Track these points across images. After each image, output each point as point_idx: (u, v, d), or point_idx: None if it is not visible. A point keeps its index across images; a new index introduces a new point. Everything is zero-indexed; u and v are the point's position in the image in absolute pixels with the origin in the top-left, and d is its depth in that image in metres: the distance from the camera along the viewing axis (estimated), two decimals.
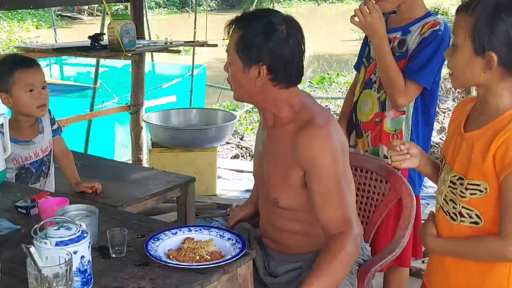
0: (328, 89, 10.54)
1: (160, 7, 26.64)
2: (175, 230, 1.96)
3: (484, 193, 1.61)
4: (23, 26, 18.98)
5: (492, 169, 1.58)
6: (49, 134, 2.87)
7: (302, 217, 2.10)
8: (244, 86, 2.02)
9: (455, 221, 1.70)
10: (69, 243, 1.59)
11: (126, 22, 4.18)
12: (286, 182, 2.05)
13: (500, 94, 1.61)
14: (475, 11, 1.57)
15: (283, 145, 2.04)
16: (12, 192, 2.37)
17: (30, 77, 2.69)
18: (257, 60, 1.96)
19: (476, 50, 1.58)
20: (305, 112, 2.03)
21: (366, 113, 2.61)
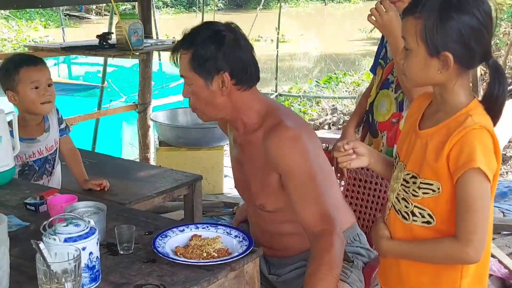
0: (335, 88, 10.52)
1: (167, 7, 26.69)
2: (183, 227, 1.98)
3: (437, 192, 1.58)
4: (31, 26, 19.06)
5: (445, 169, 1.55)
6: (55, 133, 2.89)
7: (292, 217, 2.09)
8: (211, 102, 2.02)
9: (407, 220, 1.66)
10: (78, 240, 1.61)
11: (134, 21, 4.20)
12: (267, 187, 2.07)
13: (456, 91, 1.59)
14: (422, 13, 1.53)
15: (256, 151, 2.05)
16: (21, 189, 2.39)
17: (35, 74, 2.73)
18: (217, 70, 1.97)
19: (430, 52, 1.54)
20: (271, 116, 2.04)
21: (383, 113, 2.60)
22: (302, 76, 13.16)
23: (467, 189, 1.51)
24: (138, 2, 5.27)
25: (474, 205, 1.51)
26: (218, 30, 1.99)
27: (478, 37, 1.52)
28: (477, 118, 1.54)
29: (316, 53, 17.37)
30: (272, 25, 10.14)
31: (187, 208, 3.37)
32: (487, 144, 1.51)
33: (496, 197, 4.57)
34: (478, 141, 1.51)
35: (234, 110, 2.05)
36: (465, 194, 1.51)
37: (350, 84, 10.71)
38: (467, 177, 1.50)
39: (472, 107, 1.57)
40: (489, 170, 1.50)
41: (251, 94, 2.05)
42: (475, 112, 1.56)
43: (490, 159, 1.51)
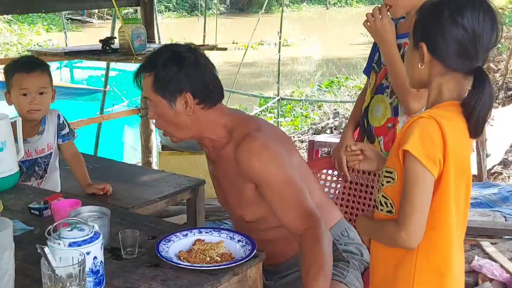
0: (337, 92, 10.55)
1: (169, 11, 26.75)
2: (186, 231, 1.99)
3: (394, 181, 1.61)
4: (33, 30, 19.13)
5: (397, 156, 1.58)
6: (50, 138, 2.88)
7: (273, 224, 2.11)
8: (177, 122, 2.05)
9: (377, 210, 1.70)
10: (82, 244, 1.62)
11: (137, 26, 4.21)
12: (244, 199, 2.09)
13: (437, 89, 1.62)
14: (419, 11, 1.65)
15: (229, 165, 2.08)
16: (25, 193, 2.40)
17: (25, 82, 2.73)
18: (179, 90, 2.00)
19: (414, 44, 1.63)
20: (239, 129, 2.07)
21: (378, 118, 2.60)
22: (304, 80, 13.19)
23: (406, 172, 1.55)
24: (140, 7, 5.29)
25: (409, 190, 1.54)
26: (178, 52, 2.03)
27: (456, 38, 1.55)
28: (435, 111, 1.57)
29: (318, 57, 17.40)
30: (274, 29, 10.17)
31: (190, 213, 3.38)
32: (431, 134, 1.52)
33: (498, 202, 4.62)
34: (420, 127, 1.53)
35: (200, 129, 2.08)
36: (404, 178, 1.56)
37: (352, 88, 10.74)
38: (406, 161, 1.54)
39: (444, 104, 1.60)
40: (426, 159, 1.51)
41: (216, 111, 2.08)
42: (439, 107, 1.60)
43: (430, 149, 1.52)
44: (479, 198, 4.63)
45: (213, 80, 2.07)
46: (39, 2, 4.47)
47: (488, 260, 3.50)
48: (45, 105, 2.79)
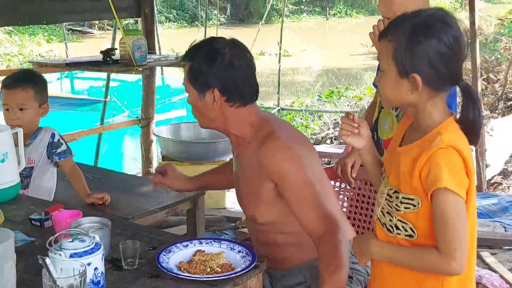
0: (337, 102, 10.56)
1: (170, 21, 26.82)
2: (186, 242, 2.00)
3: (417, 207, 1.62)
4: (34, 40, 19.17)
5: (420, 186, 1.59)
6: (36, 154, 2.88)
7: (283, 228, 2.13)
8: (204, 113, 2.13)
9: (392, 233, 1.69)
10: (83, 255, 1.63)
11: (138, 37, 4.24)
12: (259, 199, 2.10)
13: (428, 112, 1.64)
14: (393, 35, 1.61)
15: (249, 163, 2.11)
16: (26, 204, 2.41)
17: (7, 98, 2.80)
18: (207, 86, 2.07)
19: (400, 73, 1.61)
20: (264, 129, 2.11)
21: (386, 132, 2.62)
22: (304, 90, 13.21)
23: (441, 208, 1.56)
24: (141, 18, 5.32)
25: (450, 222, 1.55)
26: (215, 48, 2.08)
27: (445, 61, 1.58)
28: (446, 137, 1.58)
29: (318, 67, 17.43)
30: (274, 39, 10.20)
31: (190, 223, 3.38)
32: (454, 162, 1.56)
33: (497, 212, 4.63)
34: (445, 160, 1.55)
35: (225, 124, 2.13)
36: (440, 213, 1.56)
37: (352, 98, 10.74)
38: (438, 196, 1.55)
39: (444, 125, 1.62)
40: (459, 187, 1.54)
41: (246, 110, 2.12)
42: (445, 130, 1.61)
43: (458, 177, 1.55)
44: (479, 209, 4.63)
45: (246, 80, 2.09)
46: (40, 14, 4.50)
47: (488, 270, 3.51)
48: (26, 121, 2.81)
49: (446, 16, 1.61)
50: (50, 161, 2.94)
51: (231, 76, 2.06)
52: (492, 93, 8.88)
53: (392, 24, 1.66)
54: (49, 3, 4.48)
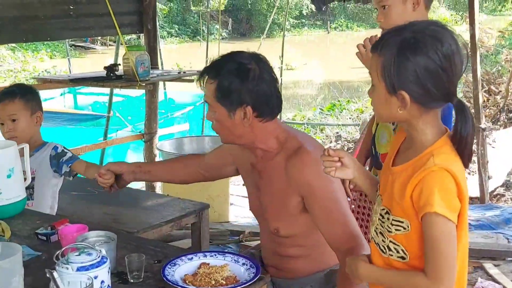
0: (339, 116, 10.59)
1: (172, 36, 26.97)
2: (191, 255, 2.01)
3: (407, 230, 1.59)
4: (37, 56, 19.28)
5: (411, 208, 1.56)
6: (36, 166, 2.86)
7: (302, 241, 2.16)
8: (232, 130, 2.08)
9: (385, 254, 1.66)
10: (90, 268, 1.65)
11: (141, 53, 4.27)
12: (284, 212, 2.11)
13: (421, 129, 1.60)
14: (382, 51, 1.56)
15: (276, 176, 2.10)
16: (32, 219, 2.43)
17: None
18: (239, 103, 2.02)
19: (388, 90, 1.56)
20: (291, 141, 2.10)
21: (384, 145, 2.63)
22: (306, 104, 13.25)
23: (430, 231, 1.53)
24: (144, 34, 5.36)
25: (439, 246, 1.52)
26: (243, 63, 2.04)
27: (434, 79, 1.52)
28: (439, 159, 1.54)
29: (319, 80, 17.49)
30: (276, 53, 10.25)
31: (194, 236, 3.40)
32: (447, 186, 1.52)
33: (500, 224, 4.63)
34: (437, 183, 1.51)
35: (254, 139, 2.10)
36: (429, 237, 1.53)
37: (353, 111, 10.78)
38: (429, 220, 1.52)
39: (437, 146, 1.57)
40: (450, 211, 1.51)
41: (272, 123, 2.11)
42: (438, 152, 1.56)
43: (450, 201, 1.52)
44: (482, 220, 4.64)
45: (275, 94, 2.09)
46: (44, 30, 4.54)
47: (491, 282, 3.52)
48: (20, 131, 2.86)
49: (438, 31, 1.55)
50: (57, 174, 2.93)
51: (263, 91, 2.04)
52: (494, 105, 8.91)
53: (383, 37, 1.61)
54: (53, 20, 4.52)
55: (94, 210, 3.30)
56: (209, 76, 2.07)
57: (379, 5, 2.50)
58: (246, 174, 2.32)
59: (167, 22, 26.92)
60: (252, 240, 4.42)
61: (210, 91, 2.06)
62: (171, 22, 27.41)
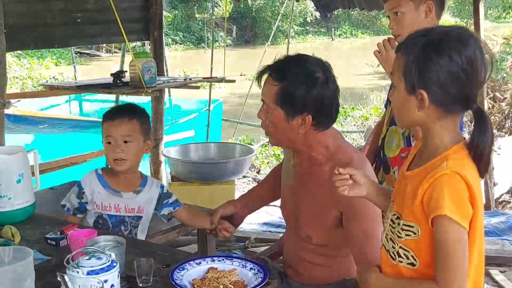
0: (344, 122, 10.61)
1: (176, 44, 27.04)
2: (199, 260, 2.03)
3: (417, 235, 1.58)
4: (42, 64, 19.35)
5: (421, 212, 1.55)
6: (145, 203, 2.61)
7: (330, 252, 2.16)
8: (286, 133, 2.07)
9: (394, 261, 1.65)
10: (100, 272, 1.67)
11: (147, 60, 4.30)
12: (321, 222, 2.10)
13: (438, 133, 1.58)
14: (406, 50, 1.57)
15: (319, 185, 2.08)
16: (42, 224, 2.45)
17: (110, 129, 2.52)
18: (301, 111, 2.01)
19: (408, 88, 1.56)
20: (342, 154, 2.07)
21: (393, 149, 2.65)
22: None
23: (440, 236, 1.51)
24: (150, 41, 5.40)
25: (449, 252, 1.51)
26: (311, 71, 2.01)
27: (454, 80, 1.52)
28: (452, 163, 1.52)
29: None
30: None
31: (200, 242, 3.41)
32: (458, 190, 1.50)
33: (506, 230, 4.63)
34: (448, 187, 1.50)
35: (305, 145, 2.09)
36: (439, 242, 1.52)
37: (358, 118, 10.79)
38: (439, 224, 1.51)
39: (453, 151, 1.56)
40: (460, 216, 1.49)
41: (325, 134, 2.09)
42: (453, 157, 1.54)
43: (461, 205, 1.50)
44: (488, 227, 4.64)
45: (336, 104, 2.06)
46: (52, 38, 4.58)
47: None
48: (131, 155, 2.53)
49: (464, 35, 1.54)
50: (156, 213, 2.69)
51: (327, 101, 2.02)
52: (499, 112, 8.91)
53: (408, 38, 1.61)
54: (61, 27, 4.56)
55: None
56: (273, 77, 2.03)
57: (392, 12, 2.51)
58: (285, 176, 2.30)
59: (172, 29, 27.00)
60: (258, 246, 4.43)
61: (271, 93, 2.03)
62: (175, 29, 27.49)
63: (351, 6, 6.19)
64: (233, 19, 29.26)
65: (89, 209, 2.54)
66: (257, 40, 29.01)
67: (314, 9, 22.88)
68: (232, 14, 29.04)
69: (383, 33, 28.21)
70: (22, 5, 4.21)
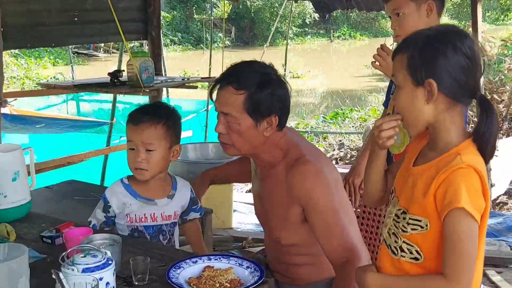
0: (342, 124, 10.61)
1: (175, 44, 27.06)
2: (195, 258, 2.02)
3: (425, 229, 1.58)
4: (40, 63, 19.34)
5: (433, 207, 1.55)
6: (178, 208, 2.45)
7: (306, 250, 2.16)
8: (251, 140, 2.07)
9: (396, 256, 1.66)
10: (95, 270, 1.66)
11: (145, 59, 4.30)
12: (285, 221, 2.11)
13: (447, 128, 1.60)
14: (407, 48, 1.61)
15: (277, 185, 2.10)
16: (37, 222, 2.44)
17: (132, 134, 2.31)
18: (269, 113, 2.04)
19: (415, 82, 1.58)
20: (293, 151, 2.09)
21: (398, 146, 2.65)
22: (309, 112, 13.26)
23: (453, 229, 1.52)
24: (148, 40, 5.39)
25: (461, 246, 1.51)
26: (267, 73, 2.05)
27: (461, 68, 1.56)
28: (466, 158, 1.54)
29: (322, 89, 17.51)
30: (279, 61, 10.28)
31: None
32: (474, 184, 1.52)
33: (503, 231, 4.63)
34: (464, 180, 1.51)
35: (263, 148, 2.11)
36: (452, 235, 1.52)
37: (356, 119, 10.80)
38: (453, 217, 1.51)
39: (463, 146, 1.58)
40: (475, 210, 1.50)
41: (280, 133, 2.11)
42: (465, 152, 1.56)
43: (476, 199, 1.51)
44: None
45: (290, 102, 2.10)
46: (49, 37, 4.56)
47: None
48: (153, 165, 2.30)
49: (460, 29, 1.61)
50: None
51: (286, 99, 2.06)
52: (497, 114, 8.92)
53: (406, 39, 1.65)
54: (58, 26, 4.54)
55: None
56: (235, 86, 2.02)
57: (394, 13, 2.52)
58: (252, 182, 2.34)
59: (170, 30, 27.02)
60: (255, 246, 4.43)
61: (236, 102, 2.02)
62: (174, 30, 27.51)
63: (350, 7, 6.20)
64: (231, 20, 29.29)
65: (120, 223, 2.36)
66: (256, 41, 29.03)
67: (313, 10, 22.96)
68: (231, 15, 29.07)
69: (382, 35, 28.26)
70: (20, 4, 4.20)
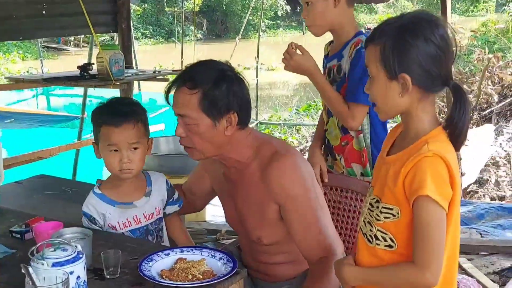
0: (315, 116, 10.65)
1: (146, 37, 26.85)
2: (168, 251, 2.01)
3: (397, 217, 1.60)
4: (9, 58, 19.05)
5: (403, 195, 1.57)
6: (158, 203, 2.37)
7: (286, 248, 2.15)
8: (213, 141, 2.01)
9: (371, 244, 1.68)
10: (66, 264, 1.65)
11: (115, 52, 4.25)
12: (264, 220, 2.09)
13: (419, 117, 1.62)
14: (379, 39, 1.60)
15: (253, 185, 2.06)
16: (7, 217, 2.40)
17: (116, 137, 2.20)
18: (227, 110, 1.97)
19: (389, 75, 1.59)
20: (265, 148, 2.06)
21: (333, 138, 2.69)
22: (282, 104, 13.29)
23: (420, 216, 1.54)
24: (118, 33, 5.34)
25: (428, 232, 1.53)
26: (223, 70, 2.00)
27: (434, 60, 1.57)
28: (433, 146, 1.56)
29: (295, 81, 17.54)
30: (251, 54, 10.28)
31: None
32: (440, 172, 1.54)
33: (474, 219, 4.70)
34: (430, 168, 1.53)
35: (229, 149, 2.05)
36: (419, 222, 1.54)
37: None
38: (420, 204, 1.53)
39: (433, 134, 1.60)
40: (441, 197, 1.52)
41: (245, 131, 2.07)
42: (433, 140, 1.58)
43: (443, 187, 1.54)
44: None
45: (249, 99, 2.07)
46: (16, 30, 4.50)
47: (465, 275, 3.56)
48: (138, 162, 2.25)
49: (432, 16, 1.60)
50: None
51: (245, 96, 2.02)
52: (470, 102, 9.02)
53: (376, 29, 1.64)
54: (26, 19, 4.48)
55: (69, 209, 3.26)
56: (189, 86, 1.97)
57: (303, 2, 2.58)
58: (219, 186, 2.28)
59: (141, 23, 26.81)
60: (229, 238, 4.43)
61: (191, 102, 1.97)
62: (145, 23, 27.30)
63: None
64: (203, 12, 29.16)
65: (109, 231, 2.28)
66: (228, 34, 28.96)
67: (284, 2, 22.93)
68: (203, 8, 28.93)
69: None
70: None
